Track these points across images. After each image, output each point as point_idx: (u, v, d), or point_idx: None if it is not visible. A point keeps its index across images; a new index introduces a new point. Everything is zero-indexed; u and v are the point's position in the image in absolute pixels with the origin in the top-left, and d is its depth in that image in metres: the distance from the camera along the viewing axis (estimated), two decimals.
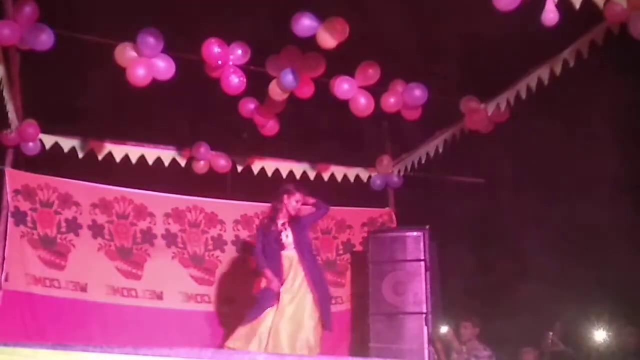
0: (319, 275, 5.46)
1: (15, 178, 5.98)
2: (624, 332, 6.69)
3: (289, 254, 5.42)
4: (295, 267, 5.37)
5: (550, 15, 4.40)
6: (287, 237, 5.43)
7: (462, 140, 6.48)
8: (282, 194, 5.52)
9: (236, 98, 5.99)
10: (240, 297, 6.17)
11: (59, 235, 6.06)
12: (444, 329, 6.45)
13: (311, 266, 5.41)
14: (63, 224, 6.10)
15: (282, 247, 5.41)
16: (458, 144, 6.53)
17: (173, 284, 6.39)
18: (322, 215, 5.83)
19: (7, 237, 5.80)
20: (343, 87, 5.80)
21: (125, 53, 5.24)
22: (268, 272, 5.31)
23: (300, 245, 5.43)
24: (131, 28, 5.21)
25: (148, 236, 6.42)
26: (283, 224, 5.46)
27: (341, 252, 7.14)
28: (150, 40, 5.17)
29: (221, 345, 5.43)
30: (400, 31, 5.88)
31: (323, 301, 5.34)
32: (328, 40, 5.08)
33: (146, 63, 5.24)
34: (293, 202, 5.47)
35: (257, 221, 6.42)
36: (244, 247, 6.66)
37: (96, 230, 6.22)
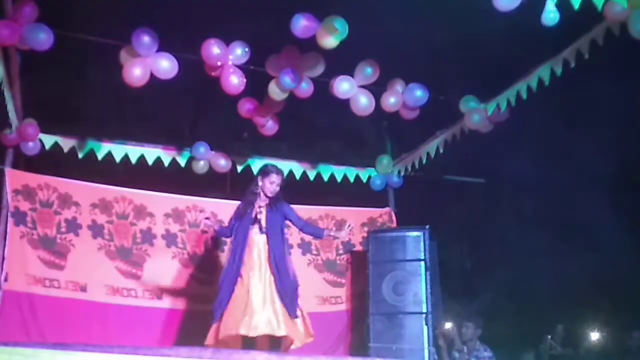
0: (284, 263, 5.20)
1: (15, 178, 5.97)
2: (634, 336, 6.67)
3: (259, 238, 5.23)
4: (263, 251, 5.19)
5: (550, 15, 4.41)
6: (261, 220, 5.24)
7: (462, 140, 6.48)
8: (258, 176, 5.39)
9: (236, 98, 5.99)
10: None
11: (58, 236, 6.05)
12: (448, 325, 6.46)
13: (278, 254, 5.17)
14: (63, 224, 6.09)
15: (252, 230, 5.23)
16: (458, 144, 6.53)
17: (173, 284, 6.39)
18: (310, 232, 5.65)
19: (7, 237, 5.79)
20: (343, 86, 5.80)
21: (128, 54, 5.24)
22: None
23: (271, 230, 5.23)
24: (131, 28, 5.20)
25: (148, 236, 6.41)
26: (260, 207, 5.26)
27: (341, 252, 7.13)
28: (145, 39, 5.16)
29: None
30: (400, 31, 5.88)
31: (285, 289, 5.12)
32: (328, 39, 5.08)
33: (142, 62, 5.24)
34: (267, 184, 5.26)
35: None
36: None
37: (96, 230, 6.22)
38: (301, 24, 5.08)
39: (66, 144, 6.21)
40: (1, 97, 5.35)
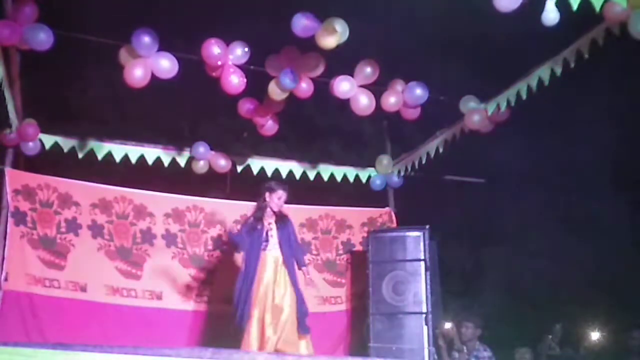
0: (296, 278, 5.46)
1: (15, 178, 5.97)
2: (634, 336, 6.62)
3: (274, 254, 5.43)
4: (280, 267, 5.40)
5: (550, 15, 4.41)
6: (272, 237, 5.43)
7: (462, 140, 6.48)
8: (265, 192, 5.52)
9: (236, 98, 5.99)
10: None
11: (58, 236, 6.05)
12: (447, 325, 6.45)
13: (293, 269, 5.43)
14: (63, 224, 6.09)
15: (265, 246, 5.42)
16: (458, 144, 6.53)
17: (173, 284, 6.39)
18: (297, 257, 5.60)
19: (7, 237, 5.78)
20: (343, 86, 5.80)
21: (128, 54, 5.24)
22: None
23: (284, 246, 5.43)
24: (131, 28, 5.20)
25: (148, 236, 6.41)
26: (269, 224, 5.46)
27: (341, 252, 7.13)
28: (145, 40, 5.15)
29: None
30: (401, 31, 5.89)
31: (300, 304, 5.39)
32: (328, 40, 5.07)
33: (143, 63, 5.23)
34: (275, 199, 5.45)
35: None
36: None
37: (96, 230, 6.21)
38: (302, 23, 5.07)
39: (66, 144, 6.21)
40: (1, 97, 5.35)
